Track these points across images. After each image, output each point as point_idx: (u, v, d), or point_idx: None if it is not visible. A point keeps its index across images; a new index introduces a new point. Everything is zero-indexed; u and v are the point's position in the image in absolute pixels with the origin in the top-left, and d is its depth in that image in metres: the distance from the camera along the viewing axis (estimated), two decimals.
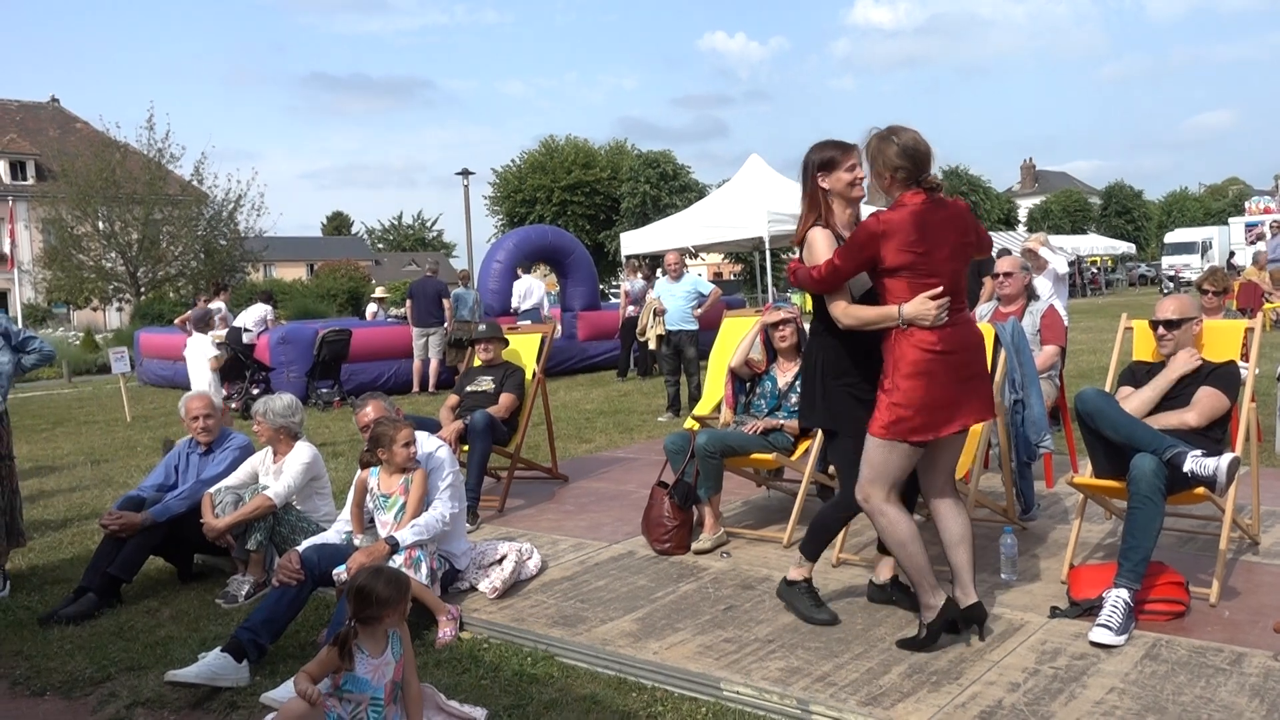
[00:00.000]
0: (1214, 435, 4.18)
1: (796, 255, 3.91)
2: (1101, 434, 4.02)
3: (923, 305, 3.47)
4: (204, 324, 10.92)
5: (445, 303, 14.26)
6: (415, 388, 14.13)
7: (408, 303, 14.69)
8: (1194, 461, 3.74)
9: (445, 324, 14.25)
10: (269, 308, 14.98)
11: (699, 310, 10.55)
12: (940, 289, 3.47)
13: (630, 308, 14.78)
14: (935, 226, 3.51)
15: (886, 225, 3.50)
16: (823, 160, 3.75)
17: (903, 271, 3.50)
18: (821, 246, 3.67)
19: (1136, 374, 4.50)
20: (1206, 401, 4.16)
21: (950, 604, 3.63)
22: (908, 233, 3.47)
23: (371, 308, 19.72)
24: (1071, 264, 31.43)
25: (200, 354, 10.32)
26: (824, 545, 4.08)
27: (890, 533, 3.66)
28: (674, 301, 10.69)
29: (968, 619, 3.66)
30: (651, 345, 11.62)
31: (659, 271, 16.71)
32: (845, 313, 3.66)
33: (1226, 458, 3.72)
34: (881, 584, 4.17)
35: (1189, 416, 4.14)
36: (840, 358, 3.77)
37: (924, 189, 3.53)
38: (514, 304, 15.41)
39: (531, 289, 15.41)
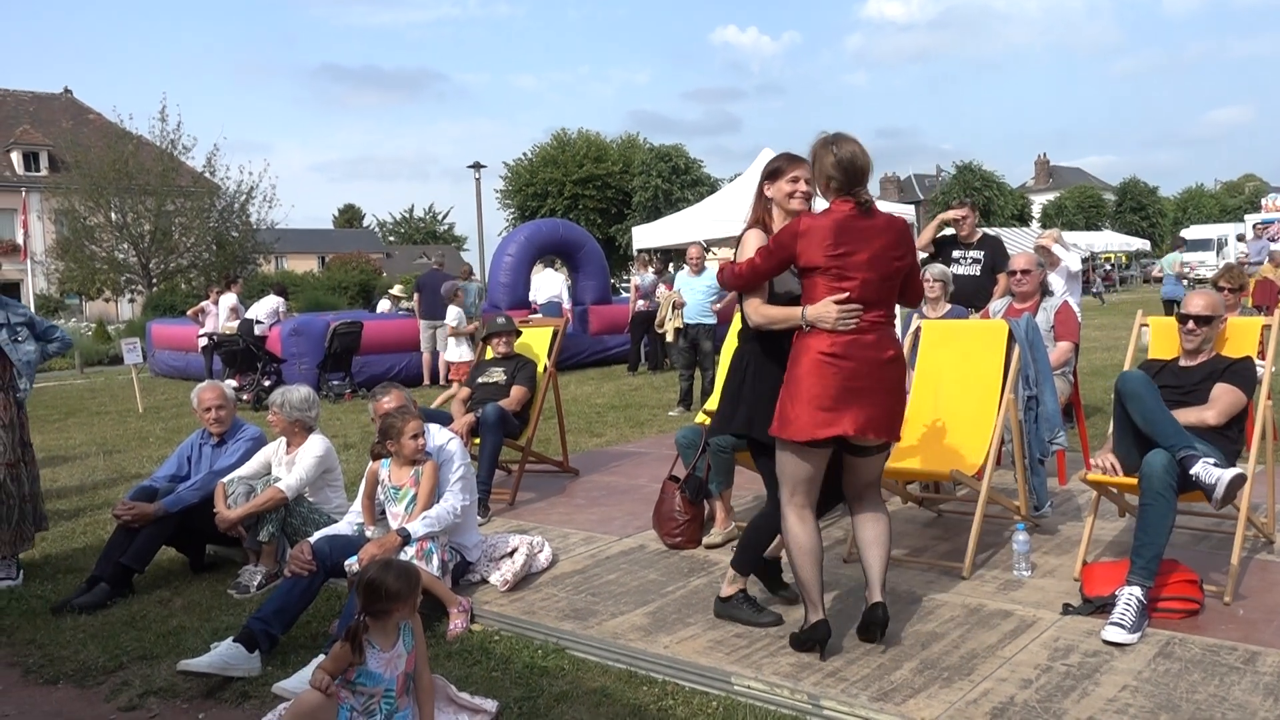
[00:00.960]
0: (1230, 434, 4.16)
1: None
2: (1131, 421, 4.00)
3: (825, 308, 3.48)
4: (450, 298, 12.35)
5: (449, 290, 14.22)
6: (425, 380, 14.15)
7: (415, 296, 14.70)
8: (1202, 467, 3.74)
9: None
10: (281, 300, 15.03)
11: (718, 305, 10.56)
12: (847, 294, 3.47)
13: (640, 302, 14.77)
14: (855, 235, 3.50)
15: (806, 228, 3.53)
16: (771, 169, 3.85)
17: (817, 274, 3.52)
18: (750, 246, 3.73)
19: (1151, 371, 4.47)
20: (1225, 399, 4.14)
21: (820, 626, 3.55)
22: (824, 237, 3.49)
23: (384, 304, 19.67)
24: (1085, 261, 31.23)
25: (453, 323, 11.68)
26: (756, 558, 4.01)
27: (786, 538, 3.66)
28: (694, 295, 10.73)
29: (865, 623, 3.60)
30: (669, 338, 11.69)
31: (670, 266, 16.71)
32: (756, 310, 3.71)
33: (1231, 473, 3.70)
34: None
35: (1208, 415, 4.11)
36: (765, 362, 3.77)
37: (853, 200, 3.53)
38: (531, 296, 15.43)
39: (550, 282, 15.39)
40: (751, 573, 4.03)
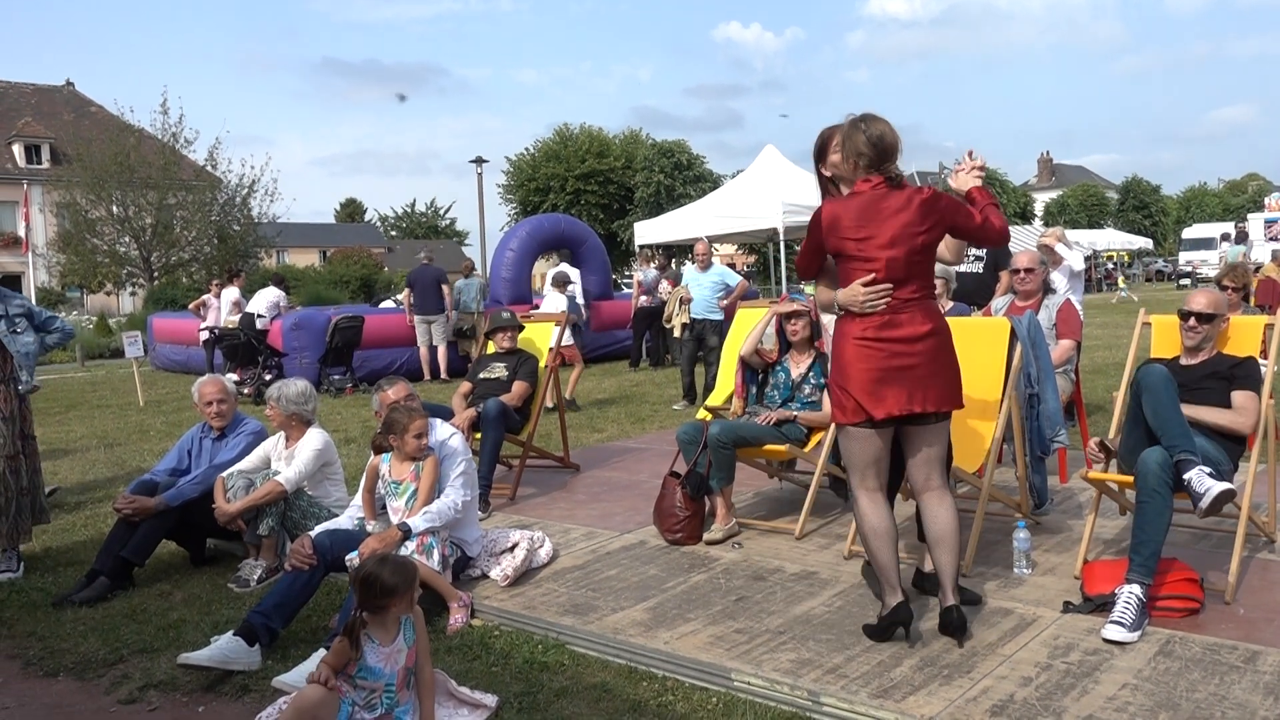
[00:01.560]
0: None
1: None
2: (1144, 417, 3.99)
3: (852, 292, 3.54)
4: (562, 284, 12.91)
5: (444, 288, 14.21)
6: (426, 375, 14.14)
7: (406, 292, 14.69)
8: (1197, 474, 3.74)
9: (446, 310, 14.21)
10: (281, 293, 15.02)
11: (725, 301, 10.61)
12: (873, 276, 3.51)
13: (643, 298, 14.76)
14: (876, 215, 3.53)
15: (828, 215, 3.60)
16: (818, 149, 3.90)
17: (844, 258, 3.59)
18: None
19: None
20: (1253, 408, 4.14)
21: (901, 608, 3.56)
22: (847, 219, 3.55)
23: (387, 304, 19.68)
24: (1088, 259, 31.20)
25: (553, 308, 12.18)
26: None
27: (858, 522, 3.70)
28: (700, 291, 10.80)
29: (943, 625, 3.59)
30: (676, 333, 11.75)
31: (674, 262, 16.72)
32: (817, 295, 3.83)
33: (1221, 487, 3.69)
34: (928, 572, 4.07)
35: (1243, 424, 4.12)
36: None
37: (882, 176, 3.55)
38: (545, 292, 15.40)
39: (556, 300, 15.34)
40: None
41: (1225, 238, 26.50)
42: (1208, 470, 3.76)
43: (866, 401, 3.54)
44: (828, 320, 4.62)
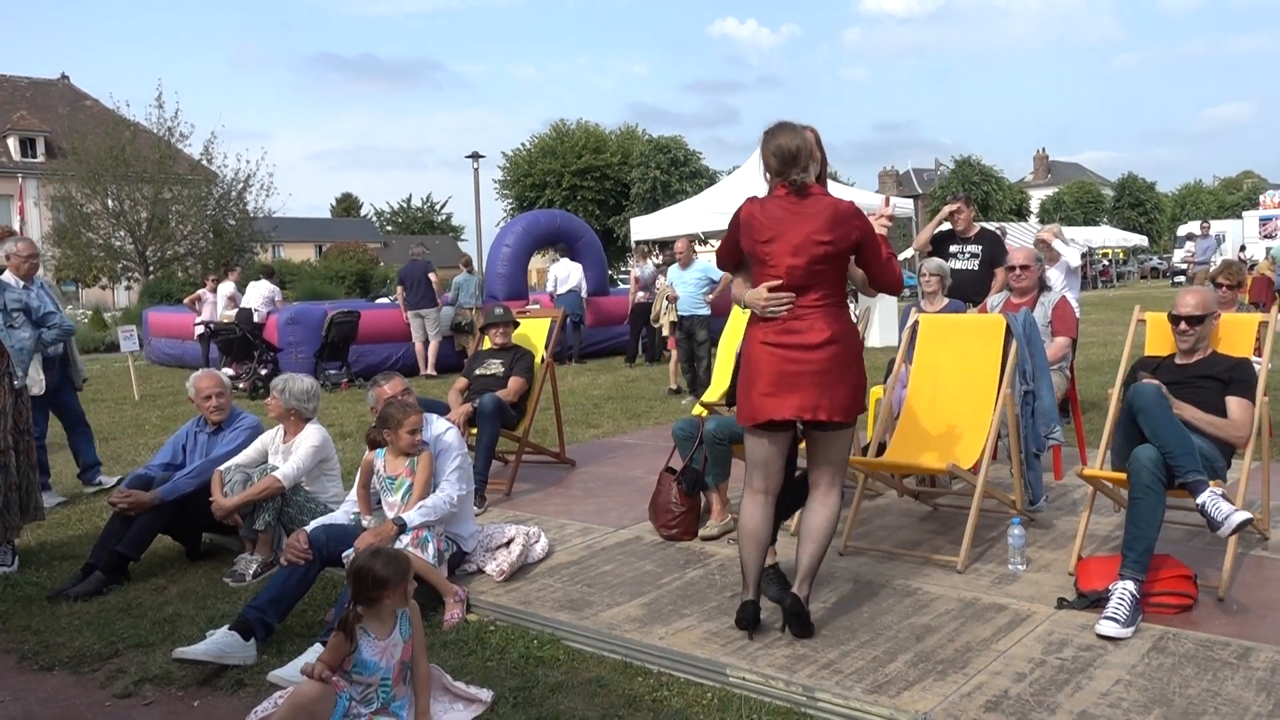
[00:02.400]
0: None
1: None
2: (1136, 425, 3.99)
3: (755, 295, 3.62)
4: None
5: (431, 278, 14.12)
6: (421, 370, 14.13)
7: (398, 289, 14.66)
8: (1210, 498, 3.71)
9: (435, 304, 14.15)
10: (275, 287, 14.99)
11: (710, 296, 10.64)
12: (779, 282, 3.56)
13: (640, 293, 14.76)
14: (782, 222, 3.57)
15: (745, 212, 3.69)
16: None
17: (753, 260, 3.67)
18: None
19: (1148, 368, 4.47)
20: (1246, 417, 4.14)
21: (747, 607, 3.67)
22: (757, 222, 3.62)
23: (383, 301, 19.62)
24: (1084, 256, 31.21)
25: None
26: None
27: (740, 518, 3.76)
28: (685, 288, 10.84)
29: (786, 611, 3.69)
30: (665, 332, 11.78)
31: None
32: (732, 291, 3.91)
33: (1240, 517, 3.66)
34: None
35: (1237, 436, 4.12)
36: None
37: (786, 185, 3.60)
38: (550, 287, 15.41)
39: (570, 272, 15.35)
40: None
41: (1191, 237, 25.70)
42: (1220, 492, 3.75)
43: (764, 404, 3.58)
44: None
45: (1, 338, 5.18)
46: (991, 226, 8.76)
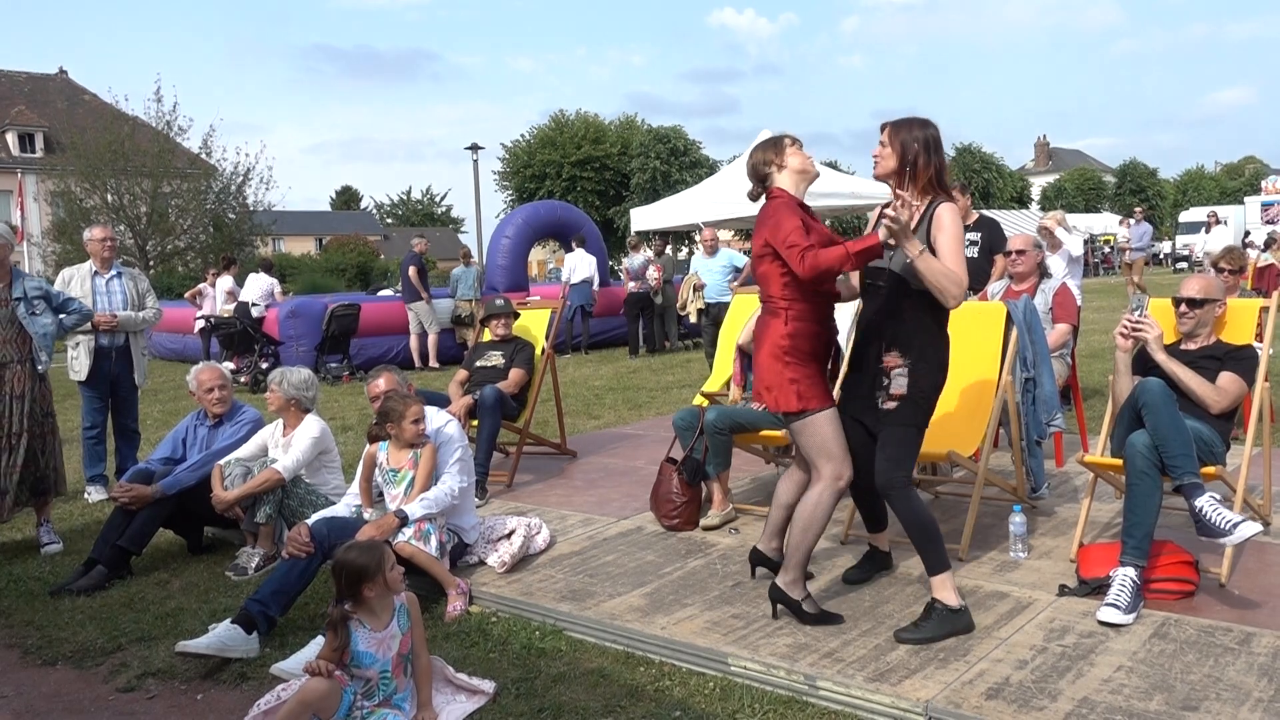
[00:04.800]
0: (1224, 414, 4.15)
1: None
2: (1138, 415, 3.97)
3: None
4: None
5: (411, 271, 14.04)
6: (416, 363, 14.12)
7: (402, 280, 14.69)
8: (1209, 503, 3.66)
9: (420, 297, 14.10)
10: (274, 281, 14.99)
11: (735, 283, 10.77)
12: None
13: (631, 284, 14.77)
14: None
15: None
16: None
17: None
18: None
19: (1147, 356, 4.46)
20: (1233, 391, 4.11)
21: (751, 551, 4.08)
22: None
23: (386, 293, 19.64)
24: (1086, 243, 31.14)
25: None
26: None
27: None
28: (711, 276, 11.05)
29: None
30: (692, 319, 11.94)
31: (668, 248, 16.71)
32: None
33: (1252, 528, 3.59)
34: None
35: (1212, 403, 4.09)
36: None
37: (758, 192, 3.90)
38: (564, 277, 15.41)
39: (581, 263, 15.34)
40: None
41: (1124, 222, 23.16)
42: (1217, 496, 3.73)
43: None
44: None
45: (26, 323, 5.34)
46: (991, 214, 8.74)
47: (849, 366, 3.88)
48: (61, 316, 5.60)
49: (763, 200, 3.84)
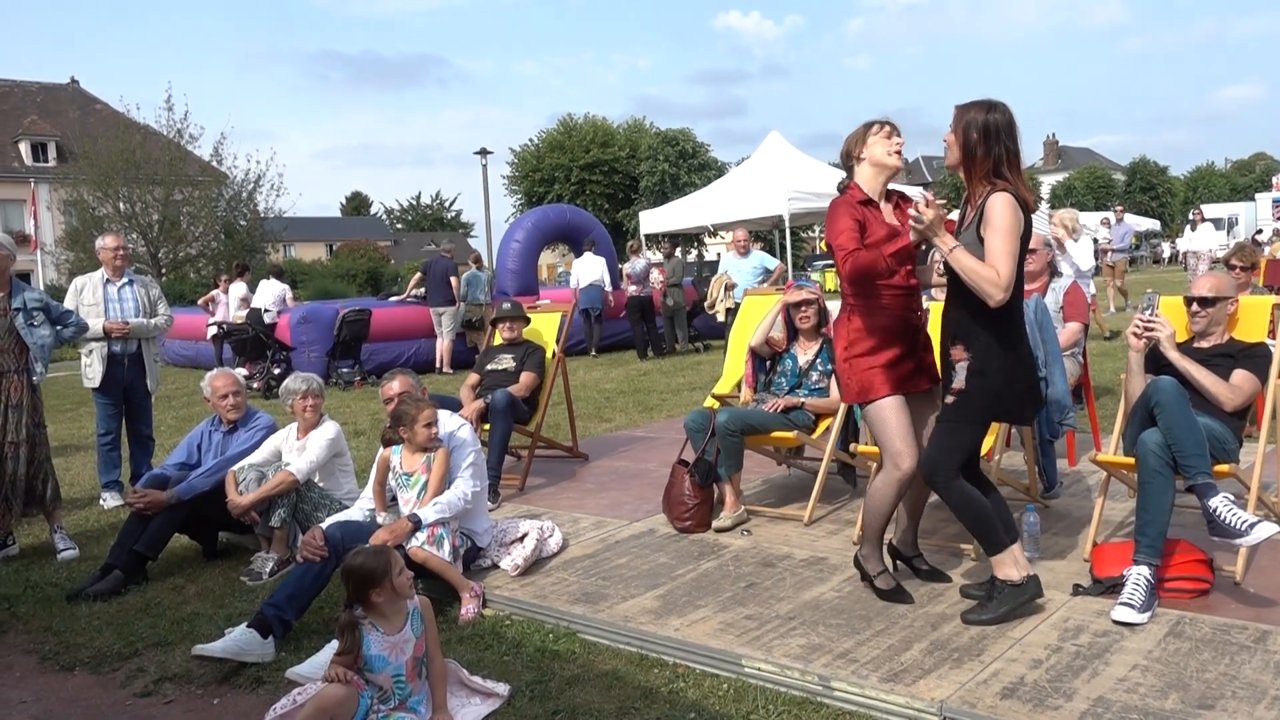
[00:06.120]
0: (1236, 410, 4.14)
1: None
2: (1150, 413, 3.96)
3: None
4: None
5: (452, 281, 14.22)
6: (439, 366, 14.17)
7: (417, 275, 14.80)
8: (1223, 503, 3.65)
9: (454, 303, 14.22)
10: (286, 287, 15.05)
11: (765, 285, 10.86)
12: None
13: (632, 288, 14.78)
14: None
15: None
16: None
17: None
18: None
19: (1159, 355, 4.45)
20: (1247, 388, 4.10)
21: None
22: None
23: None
24: (1095, 243, 30.95)
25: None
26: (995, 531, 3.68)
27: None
28: (742, 276, 11.15)
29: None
30: (720, 318, 12.02)
31: (679, 251, 16.74)
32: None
33: (1267, 531, 3.55)
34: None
35: (1225, 400, 4.07)
36: None
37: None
38: (573, 281, 15.43)
39: (593, 266, 15.37)
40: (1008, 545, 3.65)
41: (1106, 223, 20.62)
42: (1231, 496, 3.72)
43: None
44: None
45: (24, 334, 5.37)
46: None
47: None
48: (59, 329, 5.64)
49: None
